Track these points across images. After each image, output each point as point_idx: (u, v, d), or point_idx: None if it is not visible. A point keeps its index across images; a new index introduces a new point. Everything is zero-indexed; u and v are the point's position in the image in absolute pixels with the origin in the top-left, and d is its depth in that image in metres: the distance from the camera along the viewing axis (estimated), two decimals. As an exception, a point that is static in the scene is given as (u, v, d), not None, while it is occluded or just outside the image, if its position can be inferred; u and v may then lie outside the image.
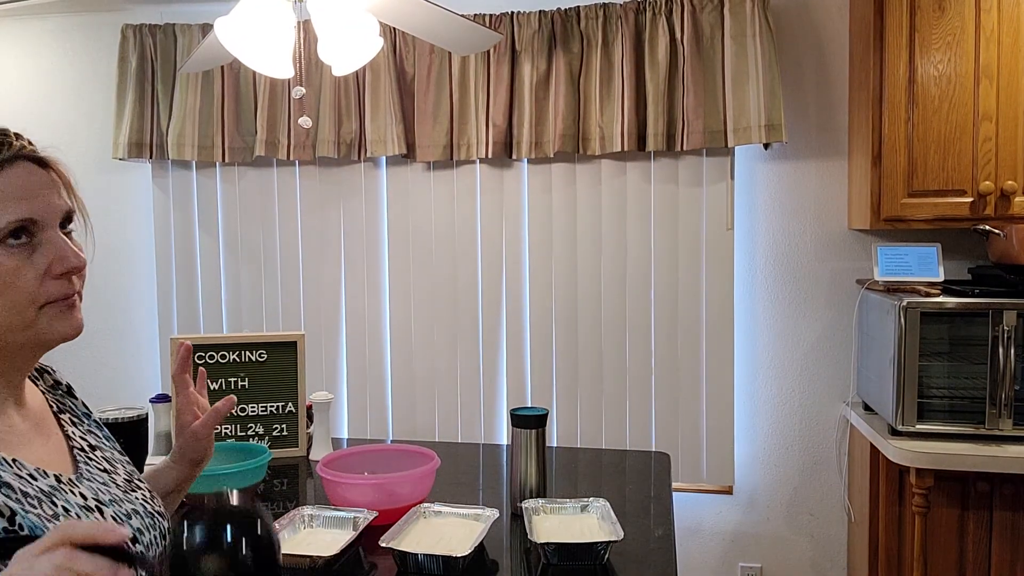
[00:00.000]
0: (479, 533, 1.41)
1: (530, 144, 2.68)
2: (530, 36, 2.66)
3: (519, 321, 2.84)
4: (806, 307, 2.70)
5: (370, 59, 1.82)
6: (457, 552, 1.33)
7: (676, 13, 2.57)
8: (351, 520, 1.49)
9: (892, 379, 2.14)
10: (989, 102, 2.22)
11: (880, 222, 2.32)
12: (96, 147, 3.17)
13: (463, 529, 1.47)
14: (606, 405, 2.79)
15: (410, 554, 1.33)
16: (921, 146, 2.27)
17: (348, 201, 2.95)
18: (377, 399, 2.98)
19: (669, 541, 1.50)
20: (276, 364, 2.06)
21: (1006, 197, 2.23)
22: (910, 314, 2.10)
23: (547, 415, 1.76)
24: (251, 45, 1.61)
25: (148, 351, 3.17)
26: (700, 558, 2.82)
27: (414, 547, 1.37)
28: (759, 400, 2.75)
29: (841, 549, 2.72)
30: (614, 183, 2.74)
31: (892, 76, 2.28)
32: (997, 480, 2.06)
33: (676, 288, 2.72)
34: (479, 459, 2.07)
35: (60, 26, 3.18)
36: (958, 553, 2.11)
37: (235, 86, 2.89)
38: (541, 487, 1.64)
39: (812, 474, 2.73)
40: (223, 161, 2.93)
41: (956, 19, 2.23)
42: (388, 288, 2.95)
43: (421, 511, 1.53)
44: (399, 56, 2.79)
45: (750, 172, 2.71)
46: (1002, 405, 2.06)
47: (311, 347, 2.99)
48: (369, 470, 1.74)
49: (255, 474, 1.77)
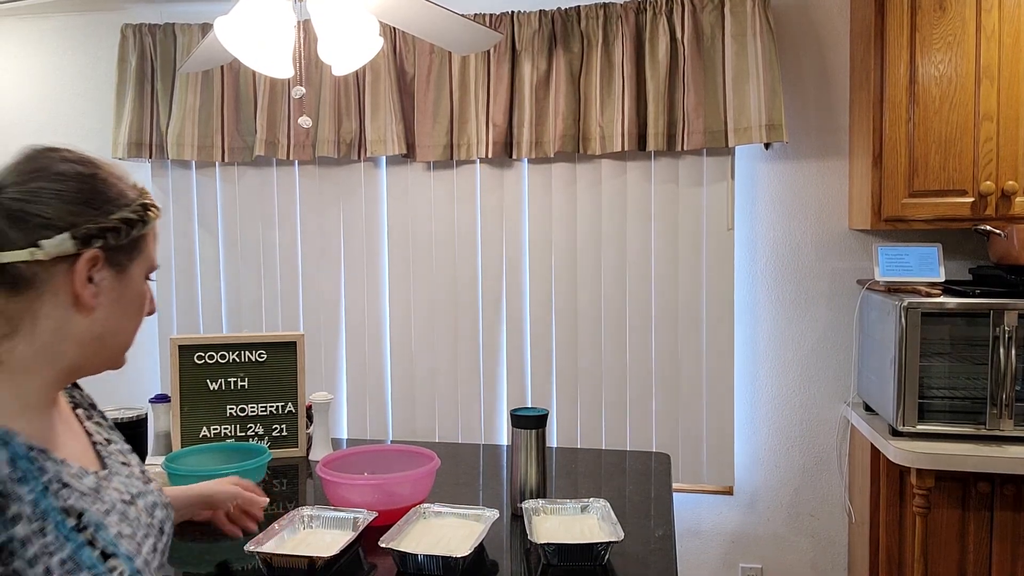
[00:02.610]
0: (479, 534, 1.41)
1: (530, 144, 2.68)
2: (530, 36, 2.66)
3: (519, 321, 2.84)
4: (807, 307, 2.70)
5: (370, 59, 1.82)
6: (457, 552, 1.33)
7: (676, 13, 2.57)
8: (351, 520, 1.49)
9: (893, 379, 2.13)
10: (990, 102, 2.22)
11: (881, 222, 2.32)
12: (96, 146, 3.17)
13: (463, 530, 1.47)
14: (606, 405, 2.78)
15: (410, 555, 1.33)
16: (922, 146, 2.27)
17: (348, 201, 2.95)
18: (377, 399, 2.97)
19: (669, 542, 1.50)
20: (276, 364, 2.06)
21: (1007, 197, 2.22)
22: (911, 314, 2.10)
23: (547, 415, 1.75)
24: (251, 45, 1.61)
25: (148, 351, 3.17)
26: (700, 559, 2.81)
27: (414, 547, 1.36)
28: (759, 400, 2.75)
29: (842, 550, 2.72)
30: (614, 183, 2.73)
31: (893, 76, 2.28)
32: (998, 480, 2.06)
33: (676, 288, 2.71)
34: (479, 459, 2.06)
35: (60, 25, 3.18)
36: (959, 554, 2.11)
37: (235, 86, 2.89)
38: (541, 487, 1.64)
39: (813, 475, 2.72)
40: (223, 161, 2.92)
41: (957, 19, 2.23)
42: (388, 288, 2.95)
43: (421, 511, 1.52)
44: (399, 56, 2.79)
45: (751, 172, 2.71)
46: (1003, 405, 2.06)
47: (311, 347, 2.99)
48: (369, 470, 1.74)
49: (255, 474, 1.77)
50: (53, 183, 0.84)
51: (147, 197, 0.92)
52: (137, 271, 0.91)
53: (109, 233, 0.85)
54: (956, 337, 2.15)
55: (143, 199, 0.91)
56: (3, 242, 0.81)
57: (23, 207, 0.82)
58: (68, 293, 0.84)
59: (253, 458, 1.81)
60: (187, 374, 2.01)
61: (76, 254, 0.83)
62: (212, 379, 2.02)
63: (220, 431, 2.02)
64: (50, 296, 0.84)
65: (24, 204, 0.82)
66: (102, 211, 0.86)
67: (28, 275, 0.82)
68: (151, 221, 0.91)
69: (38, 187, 0.83)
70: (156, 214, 0.92)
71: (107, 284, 0.87)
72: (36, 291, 0.83)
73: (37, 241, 0.81)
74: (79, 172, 0.86)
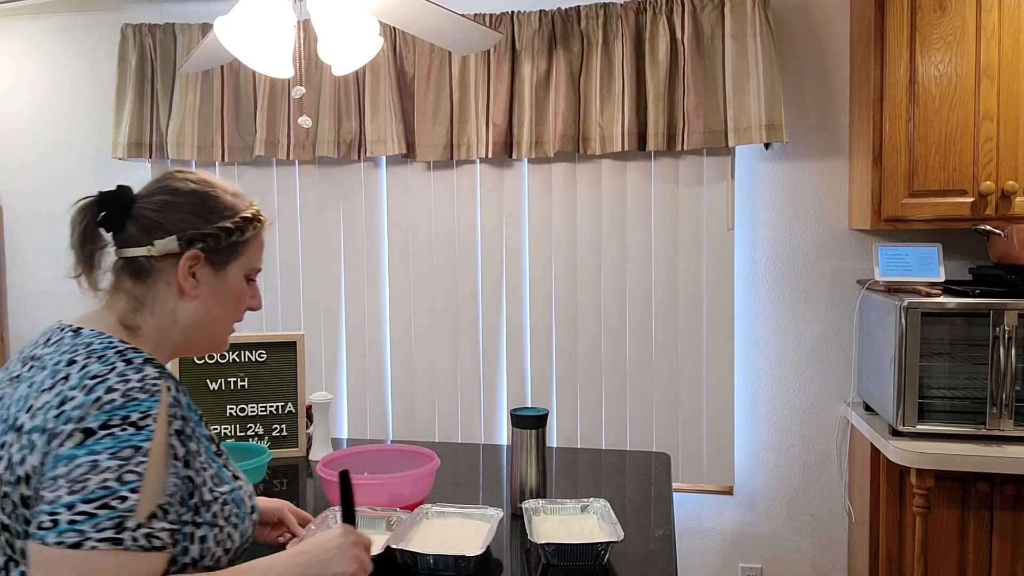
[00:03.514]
0: (486, 532, 1.41)
1: (530, 144, 2.68)
2: (530, 36, 2.66)
3: (519, 321, 2.84)
4: (807, 307, 2.70)
5: (370, 59, 1.82)
6: (469, 551, 1.33)
7: (676, 13, 2.57)
8: (383, 520, 1.48)
9: (893, 379, 2.13)
10: (990, 102, 2.22)
11: (881, 222, 2.32)
12: (96, 146, 3.17)
13: (467, 529, 1.47)
14: (606, 405, 2.78)
15: (421, 555, 1.33)
16: (922, 146, 2.27)
17: (348, 201, 2.95)
18: (377, 399, 2.97)
19: (669, 542, 1.50)
20: (276, 364, 2.06)
21: (1007, 197, 2.22)
22: (911, 314, 2.10)
23: (547, 415, 1.75)
24: (251, 45, 1.61)
25: (148, 351, 3.17)
26: (700, 558, 2.81)
27: (423, 547, 1.37)
28: (760, 400, 2.75)
29: (842, 550, 2.72)
30: (614, 183, 2.73)
31: (893, 76, 2.28)
32: (998, 480, 2.06)
33: (676, 288, 2.71)
34: (479, 459, 2.06)
35: (60, 25, 3.18)
36: (959, 553, 2.11)
37: (235, 86, 2.89)
38: (541, 487, 1.64)
39: (813, 474, 2.72)
40: (223, 161, 2.92)
41: (957, 19, 2.23)
42: (388, 288, 2.95)
43: (424, 511, 1.52)
44: (399, 56, 2.79)
45: (751, 172, 2.71)
46: (1003, 405, 2.06)
47: (311, 347, 2.99)
48: (369, 470, 1.74)
49: (255, 474, 1.77)
50: (170, 196, 1.07)
51: (254, 211, 1.12)
52: (235, 271, 1.11)
53: (209, 238, 1.06)
54: (956, 337, 2.15)
55: (248, 212, 1.11)
56: (131, 240, 1.06)
57: (146, 214, 1.06)
58: (175, 283, 1.06)
59: (253, 458, 1.81)
60: (187, 374, 2.01)
61: (180, 253, 1.05)
62: (212, 379, 2.02)
63: (220, 431, 2.02)
64: (163, 285, 1.06)
65: (147, 211, 1.06)
66: (207, 220, 1.07)
67: (147, 266, 1.06)
68: (249, 231, 1.10)
69: (160, 200, 1.07)
70: (257, 227, 1.12)
71: (206, 279, 1.08)
72: (154, 279, 1.06)
73: (152, 241, 1.05)
74: (193, 189, 1.08)
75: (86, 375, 0.92)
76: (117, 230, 1.07)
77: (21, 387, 0.96)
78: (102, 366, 0.94)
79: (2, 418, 0.94)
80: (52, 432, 0.89)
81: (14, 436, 0.91)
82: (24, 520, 0.89)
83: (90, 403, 0.90)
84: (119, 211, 1.06)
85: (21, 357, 1.03)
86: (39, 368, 0.97)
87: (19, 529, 0.89)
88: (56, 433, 0.88)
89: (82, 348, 0.97)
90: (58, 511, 0.84)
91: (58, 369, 0.95)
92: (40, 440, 0.89)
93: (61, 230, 3.21)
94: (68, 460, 0.86)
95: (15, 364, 1.02)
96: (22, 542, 0.89)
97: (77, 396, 0.90)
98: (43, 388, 0.93)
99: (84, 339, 0.99)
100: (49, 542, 0.84)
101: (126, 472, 0.87)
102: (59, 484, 0.86)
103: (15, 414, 0.93)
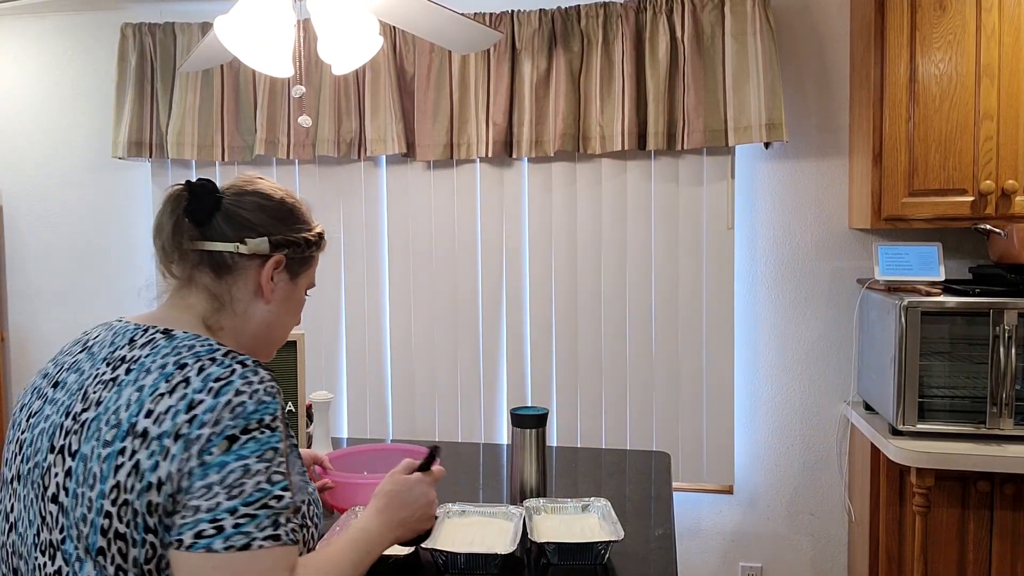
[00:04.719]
0: (511, 531, 1.43)
1: (530, 143, 2.68)
2: (530, 35, 2.66)
3: (519, 320, 2.84)
4: (807, 306, 2.70)
5: (370, 58, 1.81)
6: (499, 549, 1.35)
7: (676, 12, 2.57)
8: None
9: (893, 379, 2.13)
10: (990, 101, 2.22)
11: (881, 221, 2.32)
12: (96, 146, 3.17)
13: (491, 527, 1.48)
14: (606, 405, 2.78)
15: (452, 553, 1.35)
16: (922, 145, 2.27)
17: (348, 200, 2.95)
18: (377, 399, 2.97)
19: (669, 541, 1.50)
20: (276, 363, 2.06)
21: (1007, 196, 2.22)
22: (911, 313, 2.10)
23: (547, 415, 1.76)
24: (251, 44, 1.61)
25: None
26: (700, 558, 2.82)
27: (451, 546, 1.38)
28: (760, 399, 2.75)
29: (842, 549, 2.72)
30: (614, 182, 2.73)
31: (893, 75, 2.28)
32: (998, 480, 2.06)
33: (676, 287, 2.71)
34: (479, 459, 2.06)
35: (60, 25, 3.18)
36: (959, 553, 2.11)
37: (235, 85, 2.89)
38: (541, 487, 1.64)
39: (813, 474, 2.72)
40: (223, 160, 2.92)
41: (957, 18, 2.23)
42: (388, 287, 2.95)
43: (447, 510, 1.53)
44: (399, 55, 2.79)
45: (751, 171, 2.71)
46: (1003, 405, 2.06)
47: (311, 347, 2.99)
48: (369, 470, 1.73)
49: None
50: (263, 199, 1.09)
51: (321, 229, 1.17)
52: (302, 282, 1.15)
53: (294, 245, 1.10)
54: (956, 336, 2.15)
55: (319, 229, 1.16)
56: (217, 234, 1.05)
57: (238, 210, 1.06)
58: (255, 283, 1.08)
59: (253, 457, 1.81)
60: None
61: (268, 255, 1.07)
62: (212, 378, 2.02)
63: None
64: (243, 283, 1.07)
65: (239, 208, 1.07)
66: (293, 228, 1.10)
67: (230, 263, 1.06)
68: (321, 246, 1.16)
69: (253, 201, 1.08)
70: (323, 245, 1.17)
71: (282, 285, 1.11)
72: (234, 277, 1.07)
73: (243, 238, 1.06)
74: (283, 198, 1.11)
75: (208, 378, 0.92)
76: (203, 222, 1.05)
77: (126, 390, 0.92)
78: (220, 369, 0.94)
79: (107, 423, 0.91)
80: (187, 438, 0.88)
81: (138, 442, 0.88)
82: (145, 528, 0.87)
83: (221, 407, 0.90)
84: (210, 203, 1.05)
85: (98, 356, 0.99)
86: (141, 371, 0.94)
87: (137, 537, 0.88)
88: (192, 439, 0.88)
89: (185, 351, 0.96)
90: (221, 517, 0.86)
91: (169, 372, 0.93)
92: (175, 446, 0.88)
93: (61, 230, 3.21)
94: (219, 467, 0.88)
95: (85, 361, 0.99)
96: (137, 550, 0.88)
97: (205, 399, 0.90)
98: (158, 392, 0.91)
99: (182, 341, 0.98)
100: (217, 548, 0.86)
101: (273, 473, 0.91)
102: (215, 491, 0.87)
103: (129, 419, 0.90)
